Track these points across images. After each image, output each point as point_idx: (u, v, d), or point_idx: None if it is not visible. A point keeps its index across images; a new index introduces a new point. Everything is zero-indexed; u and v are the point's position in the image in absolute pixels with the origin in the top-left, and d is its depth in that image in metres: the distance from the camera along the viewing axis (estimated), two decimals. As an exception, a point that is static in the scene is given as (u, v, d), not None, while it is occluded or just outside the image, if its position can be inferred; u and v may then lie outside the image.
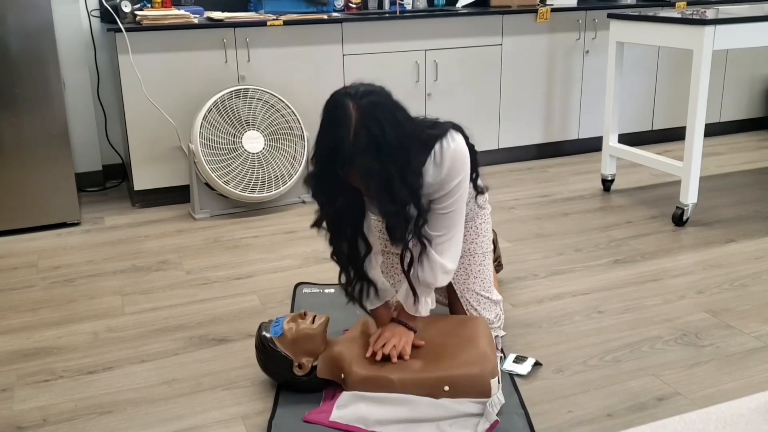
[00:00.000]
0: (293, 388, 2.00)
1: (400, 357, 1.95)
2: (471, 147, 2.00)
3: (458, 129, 1.96)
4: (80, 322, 2.49)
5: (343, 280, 2.02)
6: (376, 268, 2.06)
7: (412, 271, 1.99)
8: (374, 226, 2.10)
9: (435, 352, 1.96)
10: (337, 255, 1.98)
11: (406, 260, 1.96)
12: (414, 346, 2.00)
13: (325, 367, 1.99)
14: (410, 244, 1.92)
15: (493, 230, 2.37)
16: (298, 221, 3.42)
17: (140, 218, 3.53)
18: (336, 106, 1.74)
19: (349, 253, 1.96)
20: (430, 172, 1.88)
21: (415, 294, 2.00)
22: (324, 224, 1.92)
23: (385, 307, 2.09)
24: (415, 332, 2.03)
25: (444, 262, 1.98)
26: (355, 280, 2.00)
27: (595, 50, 4.29)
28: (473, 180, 2.07)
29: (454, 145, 1.89)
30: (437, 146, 1.87)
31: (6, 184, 3.25)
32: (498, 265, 2.66)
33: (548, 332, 2.35)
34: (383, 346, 1.97)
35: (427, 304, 2.03)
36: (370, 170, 1.71)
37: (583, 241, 3.12)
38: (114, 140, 4.00)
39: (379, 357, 1.95)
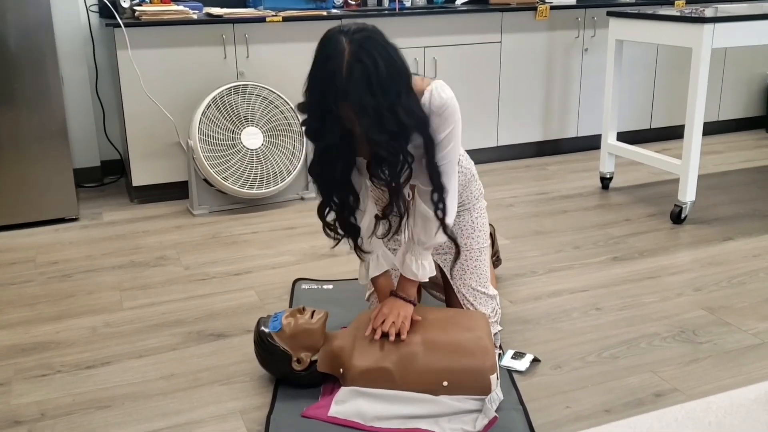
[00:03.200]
0: (292, 384, 2.00)
1: (399, 336, 1.95)
2: None
3: None
4: (78, 317, 2.49)
5: (330, 231, 2.02)
6: (369, 229, 2.05)
7: (406, 230, 1.97)
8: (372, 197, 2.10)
9: (435, 338, 1.96)
10: (324, 205, 1.97)
11: (395, 217, 1.96)
12: (412, 322, 2.00)
13: (325, 361, 1.99)
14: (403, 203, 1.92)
15: (491, 225, 2.37)
16: (296, 217, 3.42)
17: (138, 214, 3.52)
18: (329, 41, 1.74)
19: (341, 201, 1.96)
20: None
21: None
22: (315, 171, 1.92)
23: (385, 276, 2.10)
24: (414, 305, 2.03)
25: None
26: (345, 232, 2.01)
27: (594, 48, 4.29)
28: None
29: (446, 96, 1.88)
30: (427, 94, 1.87)
31: (4, 180, 3.25)
32: (496, 260, 2.66)
33: (546, 329, 2.35)
34: (382, 323, 1.97)
35: (424, 268, 2.03)
36: (363, 103, 1.71)
37: (582, 238, 3.12)
38: (112, 136, 4.00)
39: (378, 335, 1.95)
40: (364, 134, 1.76)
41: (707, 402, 1.70)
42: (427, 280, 2.07)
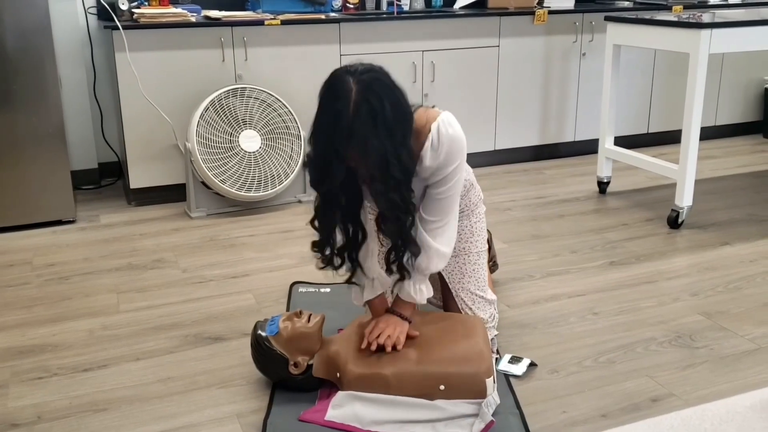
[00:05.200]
0: (289, 387, 2.00)
1: (394, 347, 1.95)
2: None
3: None
4: (75, 319, 2.49)
5: (327, 253, 2.00)
6: (372, 257, 2.05)
7: (406, 257, 1.99)
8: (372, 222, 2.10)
9: (431, 348, 1.96)
10: (321, 225, 1.96)
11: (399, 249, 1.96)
12: (409, 337, 2.00)
13: (321, 366, 1.99)
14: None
15: (488, 230, 2.37)
16: (294, 220, 3.42)
17: (136, 216, 3.52)
18: (336, 81, 1.75)
19: (346, 239, 1.98)
20: (428, 155, 1.88)
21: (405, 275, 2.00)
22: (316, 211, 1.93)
23: (381, 298, 2.10)
24: (410, 322, 2.03)
25: (439, 246, 1.98)
26: (348, 265, 2.03)
27: (591, 53, 4.30)
28: None
29: (452, 131, 1.89)
30: (434, 131, 1.88)
31: (1, 181, 3.24)
32: (493, 265, 2.66)
33: (543, 333, 2.35)
34: (378, 336, 1.97)
35: (422, 291, 2.03)
36: (369, 145, 1.71)
37: (579, 242, 3.12)
38: (110, 138, 3.99)
39: (374, 347, 1.95)
40: (368, 178, 1.77)
41: (703, 409, 1.70)
42: (425, 302, 2.07)
